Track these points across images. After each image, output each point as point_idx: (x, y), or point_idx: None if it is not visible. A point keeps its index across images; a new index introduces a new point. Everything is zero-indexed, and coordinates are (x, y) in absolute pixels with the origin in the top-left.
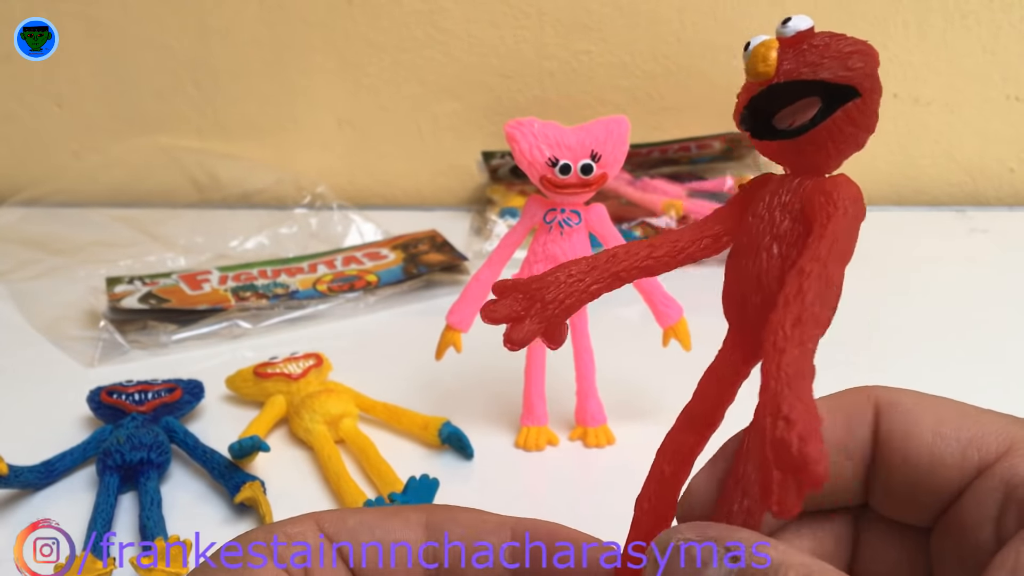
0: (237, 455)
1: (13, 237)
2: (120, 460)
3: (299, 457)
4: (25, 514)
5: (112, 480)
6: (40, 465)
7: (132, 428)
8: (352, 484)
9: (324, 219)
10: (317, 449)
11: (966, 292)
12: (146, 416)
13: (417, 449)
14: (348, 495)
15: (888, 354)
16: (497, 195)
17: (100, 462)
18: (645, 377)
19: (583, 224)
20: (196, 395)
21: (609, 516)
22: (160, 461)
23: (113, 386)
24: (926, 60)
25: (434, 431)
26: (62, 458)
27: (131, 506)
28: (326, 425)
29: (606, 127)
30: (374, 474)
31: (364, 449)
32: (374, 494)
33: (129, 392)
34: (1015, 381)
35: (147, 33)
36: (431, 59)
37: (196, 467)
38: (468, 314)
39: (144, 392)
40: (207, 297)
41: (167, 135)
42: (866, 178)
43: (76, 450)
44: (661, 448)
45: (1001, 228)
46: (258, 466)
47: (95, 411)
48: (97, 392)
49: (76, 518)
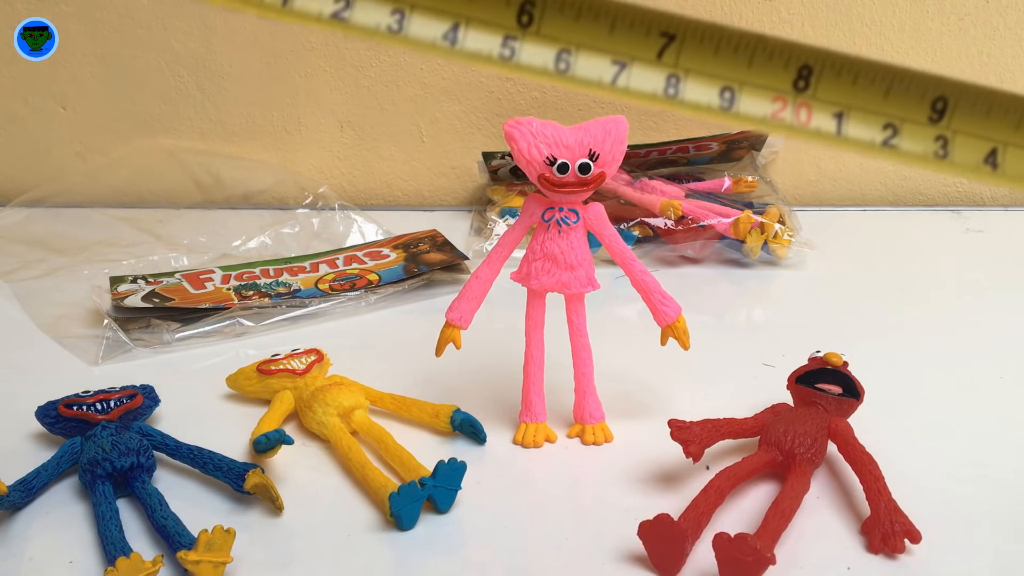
0: (264, 448)
1: (18, 237)
2: (111, 468)
3: (311, 451)
4: (15, 533)
5: (106, 488)
6: (18, 483)
7: (111, 436)
8: (378, 472)
9: (326, 219)
10: (335, 441)
11: (962, 292)
12: (116, 424)
13: (425, 439)
14: (375, 483)
15: (885, 353)
16: (497, 195)
17: (87, 472)
18: (643, 375)
19: (581, 223)
20: (154, 399)
21: (607, 512)
22: (149, 464)
23: (69, 398)
24: (923, 62)
25: (446, 418)
26: (37, 475)
27: (127, 512)
28: (339, 418)
29: (604, 127)
30: (395, 462)
31: (381, 439)
32: (398, 481)
33: (90, 402)
34: (1011, 379)
35: (151, 36)
36: (431, 61)
37: (177, 466)
38: (468, 311)
39: (106, 401)
40: (210, 296)
41: (170, 136)
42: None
43: (49, 465)
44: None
45: (996, 228)
46: (273, 461)
47: (50, 426)
48: (51, 406)
49: (72, 530)
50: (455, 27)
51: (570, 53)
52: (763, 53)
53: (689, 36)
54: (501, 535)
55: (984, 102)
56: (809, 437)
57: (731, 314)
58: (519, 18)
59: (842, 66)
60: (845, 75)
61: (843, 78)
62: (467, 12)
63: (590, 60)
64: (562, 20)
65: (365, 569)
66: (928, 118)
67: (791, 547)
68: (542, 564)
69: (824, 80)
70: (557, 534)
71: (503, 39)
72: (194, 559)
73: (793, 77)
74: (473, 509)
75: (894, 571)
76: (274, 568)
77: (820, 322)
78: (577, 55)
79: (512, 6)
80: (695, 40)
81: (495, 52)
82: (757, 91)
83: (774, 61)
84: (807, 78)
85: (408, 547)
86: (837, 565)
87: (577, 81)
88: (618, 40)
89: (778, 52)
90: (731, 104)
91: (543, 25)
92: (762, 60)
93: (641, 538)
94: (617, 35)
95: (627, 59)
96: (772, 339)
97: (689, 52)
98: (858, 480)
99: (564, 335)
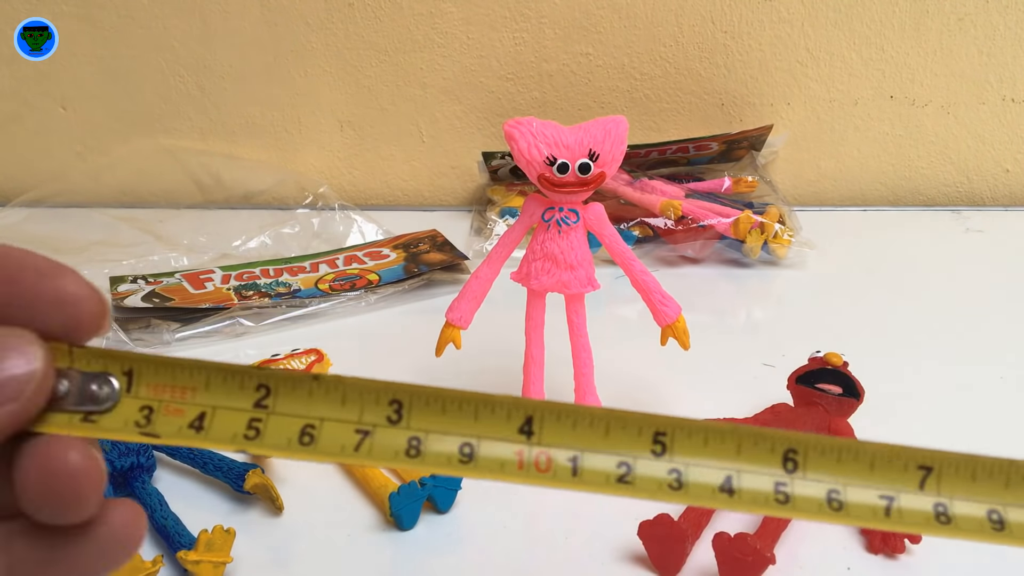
0: None
1: (18, 237)
2: (110, 467)
3: None
4: None
5: (107, 490)
6: None
7: None
8: (378, 472)
9: (326, 219)
10: None
11: (962, 292)
12: None
13: None
14: (375, 483)
15: (884, 353)
16: (497, 195)
17: None
18: (643, 375)
19: (581, 223)
20: None
21: (607, 512)
22: (149, 464)
23: None
24: (922, 62)
25: None
26: None
27: None
28: None
29: (604, 127)
30: None
31: None
32: (398, 481)
33: None
34: (1010, 379)
35: (151, 36)
36: (431, 61)
37: (177, 466)
38: (468, 311)
39: None
40: (210, 296)
41: (170, 136)
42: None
43: None
44: None
45: (996, 228)
46: (273, 461)
47: None
48: None
49: None
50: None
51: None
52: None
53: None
54: (501, 535)
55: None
56: None
57: (731, 314)
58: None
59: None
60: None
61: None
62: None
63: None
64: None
65: (365, 569)
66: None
67: (791, 547)
68: (542, 564)
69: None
70: (557, 534)
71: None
72: (194, 559)
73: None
74: (473, 509)
75: (894, 571)
76: (274, 568)
77: (820, 322)
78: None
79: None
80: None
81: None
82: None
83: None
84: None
85: (408, 547)
86: (837, 565)
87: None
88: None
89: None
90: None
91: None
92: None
93: (641, 538)
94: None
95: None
96: (772, 339)
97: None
98: None
99: (564, 335)
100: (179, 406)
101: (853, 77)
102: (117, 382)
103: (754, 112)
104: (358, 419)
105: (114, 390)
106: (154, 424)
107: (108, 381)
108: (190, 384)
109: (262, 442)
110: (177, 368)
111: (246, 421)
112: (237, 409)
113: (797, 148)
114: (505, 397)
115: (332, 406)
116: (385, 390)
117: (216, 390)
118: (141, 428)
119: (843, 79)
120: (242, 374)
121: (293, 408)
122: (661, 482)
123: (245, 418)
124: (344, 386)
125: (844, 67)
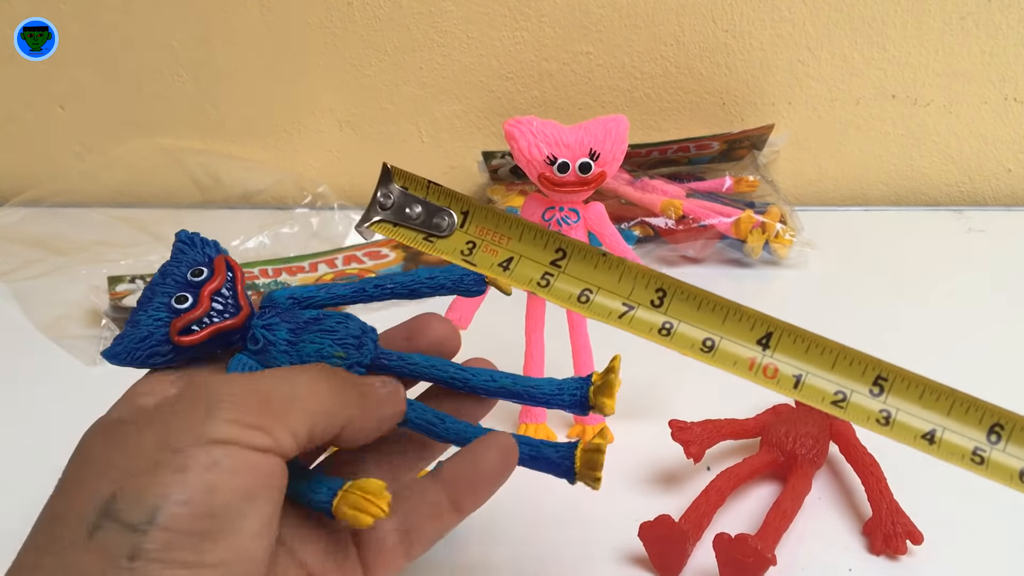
0: None
1: (15, 237)
2: None
3: None
4: None
5: None
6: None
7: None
8: None
9: (325, 219)
10: None
11: (963, 292)
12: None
13: None
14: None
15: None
16: (497, 195)
17: None
18: (643, 376)
19: (582, 222)
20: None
21: (607, 512)
22: None
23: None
24: (924, 61)
25: None
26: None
27: None
28: None
29: (604, 126)
30: None
31: None
32: None
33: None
34: (1013, 380)
35: (149, 35)
36: (431, 60)
37: None
38: (467, 311)
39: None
40: None
41: (169, 136)
42: (865, 178)
43: None
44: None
45: (998, 228)
46: None
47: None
48: (154, 340)
49: None
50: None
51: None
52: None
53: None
54: (501, 535)
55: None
56: (811, 438)
57: None
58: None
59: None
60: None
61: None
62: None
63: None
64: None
65: None
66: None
67: (792, 548)
68: (542, 564)
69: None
70: (557, 534)
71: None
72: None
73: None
74: None
75: (896, 572)
76: None
77: (821, 322)
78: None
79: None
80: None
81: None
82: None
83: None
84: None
85: None
86: (839, 566)
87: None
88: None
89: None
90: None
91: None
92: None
93: (642, 539)
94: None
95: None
96: None
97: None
98: (860, 481)
99: (564, 335)
100: (495, 248)
101: (855, 76)
102: (456, 217)
103: (755, 111)
104: (627, 295)
105: (453, 222)
106: (474, 256)
107: (450, 215)
108: (507, 233)
109: (550, 291)
110: (501, 219)
111: (541, 272)
112: (537, 262)
113: (799, 148)
114: (752, 311)
115: (611, 279)
116: (656, 279)
117: (526, 242)
118: (464, 256)
119: (845, 78)
120: (547, 236)
121: (580, 272)
122: (872, 414)
123: (541, 270)
124: (624, 266)
125: (846, 66)
